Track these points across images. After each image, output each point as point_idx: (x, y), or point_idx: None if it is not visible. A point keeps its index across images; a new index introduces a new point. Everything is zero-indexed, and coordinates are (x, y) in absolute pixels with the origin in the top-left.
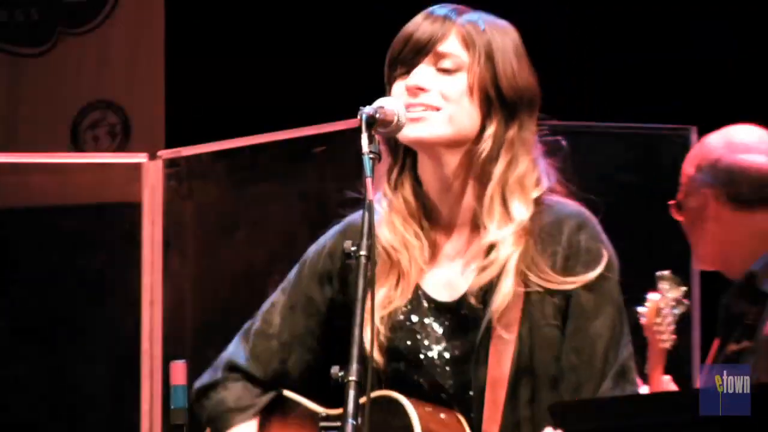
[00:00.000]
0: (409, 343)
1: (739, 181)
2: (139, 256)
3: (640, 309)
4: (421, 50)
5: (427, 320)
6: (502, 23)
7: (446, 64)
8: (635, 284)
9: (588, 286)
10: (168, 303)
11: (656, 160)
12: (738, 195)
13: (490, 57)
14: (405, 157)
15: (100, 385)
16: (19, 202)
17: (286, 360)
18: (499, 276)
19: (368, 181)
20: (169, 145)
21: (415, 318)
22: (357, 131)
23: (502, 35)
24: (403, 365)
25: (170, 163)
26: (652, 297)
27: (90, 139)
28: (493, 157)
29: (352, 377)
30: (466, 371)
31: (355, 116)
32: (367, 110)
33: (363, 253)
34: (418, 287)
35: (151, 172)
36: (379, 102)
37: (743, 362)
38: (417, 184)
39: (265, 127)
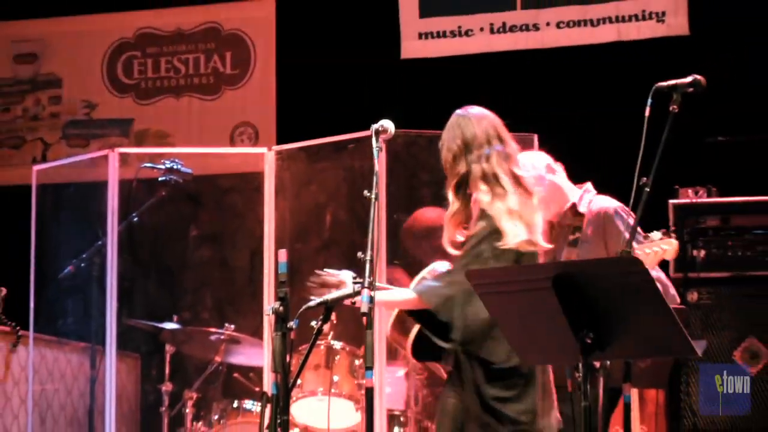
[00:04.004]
0: None
1: None
2: (263, 199)
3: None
4: None
5: None
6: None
7: None
8: None
9: (469, 236)
10: (277, 222)
11: None
12: None
13: None
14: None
15: (244, 263)
16: (201, 172)
17: None
18: None
19: (376, 161)
20: (278, 143)
21: None
22: (369, 136)
23: None
24: None
25: (278, 153)
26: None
27: (239, 140)
28: None
29: (368, 257)
30: None
31: (369, 128)
32: (375, 126)
33: (372, 196)
34: None
35: (269, 157)
36: (382, 122)
37: (579, 246)
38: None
39: (324, 133)
